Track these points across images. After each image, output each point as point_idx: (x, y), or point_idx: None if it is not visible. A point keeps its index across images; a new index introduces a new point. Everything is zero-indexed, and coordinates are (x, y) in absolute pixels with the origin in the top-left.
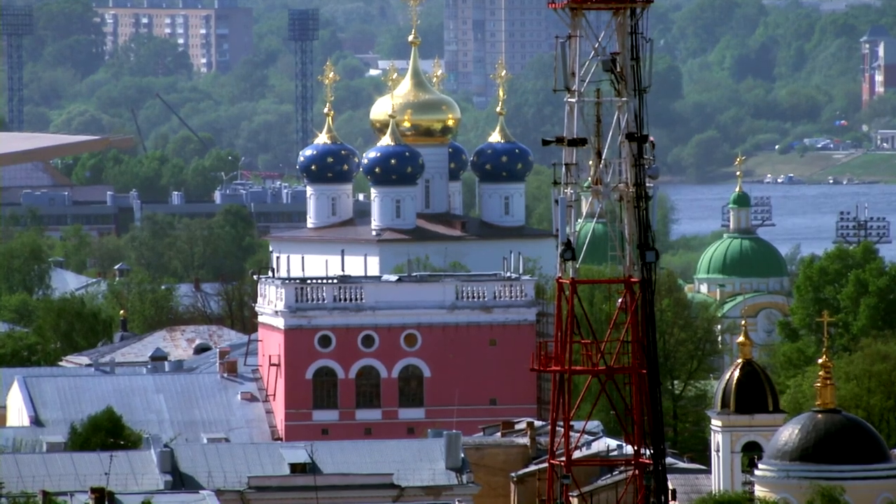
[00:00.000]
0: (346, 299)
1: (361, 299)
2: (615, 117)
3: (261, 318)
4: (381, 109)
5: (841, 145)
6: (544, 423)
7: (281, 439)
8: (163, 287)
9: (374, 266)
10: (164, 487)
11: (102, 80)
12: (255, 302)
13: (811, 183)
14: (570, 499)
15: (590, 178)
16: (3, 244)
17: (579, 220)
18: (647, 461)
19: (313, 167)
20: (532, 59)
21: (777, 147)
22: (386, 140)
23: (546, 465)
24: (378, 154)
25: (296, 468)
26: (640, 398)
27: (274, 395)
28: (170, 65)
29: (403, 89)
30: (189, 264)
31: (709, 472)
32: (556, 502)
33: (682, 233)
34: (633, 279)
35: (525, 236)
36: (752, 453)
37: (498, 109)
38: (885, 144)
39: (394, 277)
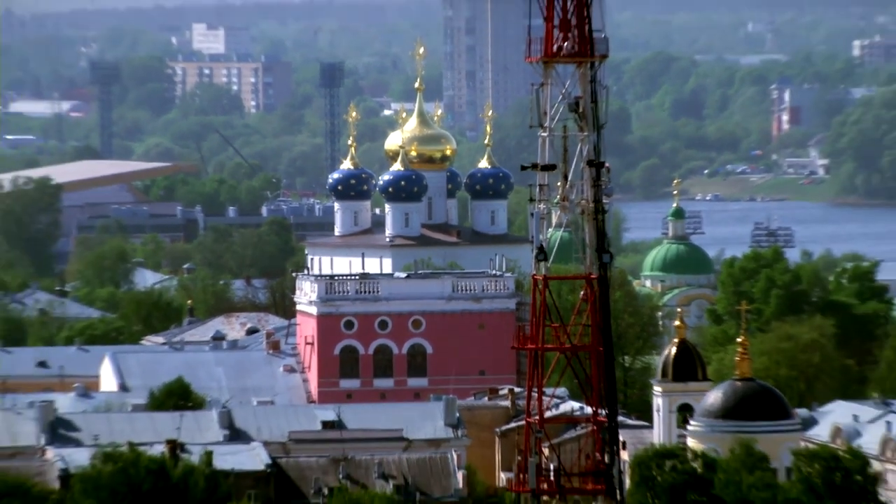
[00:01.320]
0: (365, 292)
1: (378, 292)
2: (578, 148)
3: (299, 307)
4: (393, 142)
5: (756, 171)
6: (522, 389)
7: (314, 402)
8: (221, 282)
9: (388, 266)
10: (223, 440)
11: (174, 118)
12: (294, 294)
13: (732, 200)
14: (543, 449)
15: (558, 196)
16: (96, 249)
17: (550, 229)
18: (603, 419)
19: (340, 187)
20: (513, 102)
21: (706, 172)
22: (397, 166)
23: (523, 422)
24: (391, 177)
25: (326, 425)
26: (598, 370)
27: (309, 367)
28: (226, 106)
29: (411, 126)
30: (242, 264)
31: (651, 427)
32: (532, 452)
33: (630, 239)
34: (592, 276)
35: (507, 242)
36: (685, 413)
37: (486, 142)
38: (790, 170)
39: (403, 274)
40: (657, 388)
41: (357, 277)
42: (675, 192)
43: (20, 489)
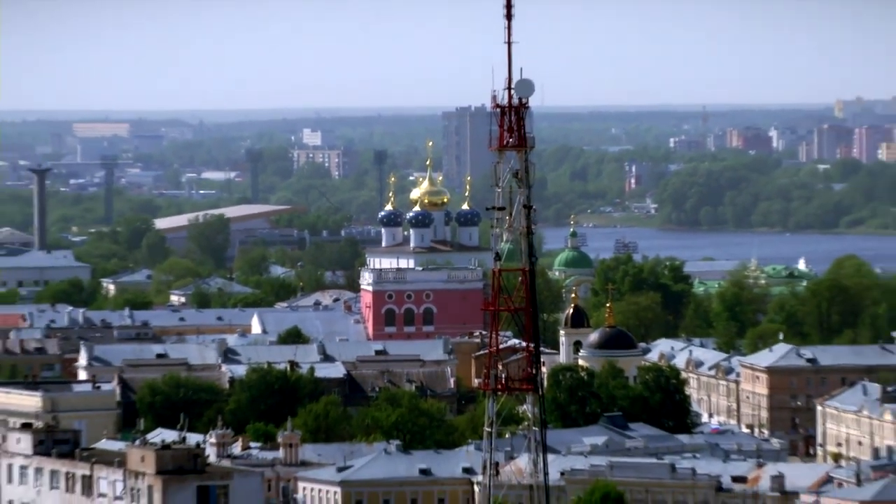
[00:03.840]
0: (398, 278)
1: (406, 278)
2: (518, 198)
3: (362, 286)
4: (415, 194)
5: (616, 211)
6: (486, 332)
7: (370, 339)
8: (318, 273)
9: (411, 263)
10: (319, 360)
11: (292, 181)
12: (360, 279)
13: (603, 227)
14: (498, 365)
15: (507, 224)
16: (249, 254)
17: (502, 243)
18: (531, 349)
19: (385, 220)
20: (482, 172)
21: (589, 211)
22: (417, 208)
23: (488, 351)
24: (413, 214)
25: (377, 352)
26: (529, 321)
27: (368, 320)
28: (322, 174)
29: (424, 186)
30: (330, 263)
31: (558, 353)
32: (493, 370)
33: (547, 249)
34: (525, 269)
35: (479, 250)
36: (577, 345)
37: (466, 194)
38: (635, 210)
39: (420, 268)
40: (562, 332)
41: (395, 270)
42: (572, 223)
43: (207, 387)
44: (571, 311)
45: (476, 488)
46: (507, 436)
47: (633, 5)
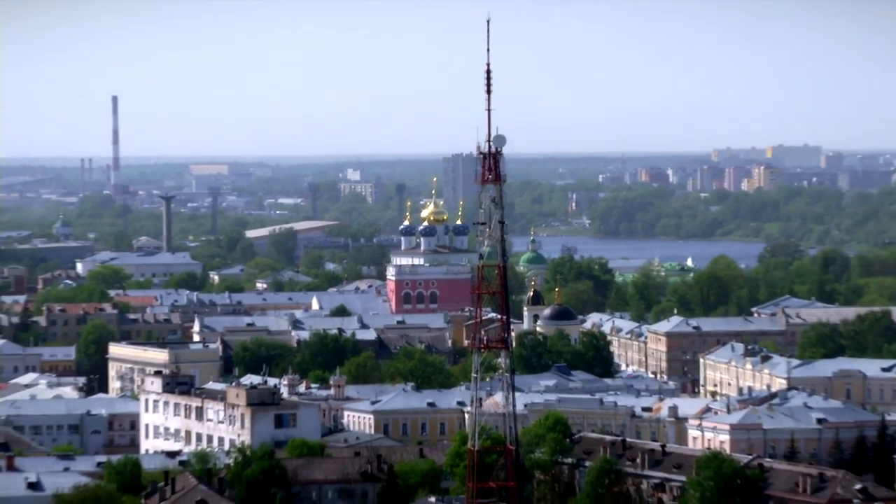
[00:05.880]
0: (413, 271)
1: (418, 271)
2: (495, 216)
3: (388, 276)
4: (424, 213)
5: (563, 224)
6: (473, 308)
7: (393, 313)
8: (357, 267)
9: (422, 261)
10: (359, 327)
11: (340, 204)
12: (386, 272)
13: (554, 236)
14: (482, 331)
15: (487, 234)
16: (309, 256)
17: (484, 247)
18: (504, 320)
19: (404, 231)
20: (471, 197)
21: (544, 225)
22: (425, 223)
23: (474, 321)
24: (422, 228)
25: (398, 322)
26: (503, 301)
27: (392, 300)
28: (360, 200)
29: (431, 208)
30: (366, 261)
31: (523, 322)
32: (478, 334)
33: (515, 251)
34: (500, 265)
35: (469, 252)
36: (536, 317)
37: (459, 213)
38: (576, 224)
39: (428, 265)
40: (525, 308)
41: (410, 265)
42: (532, 233)
43: (281, 346)
44: (531, 294)
45: (466, 416)
46: (487, 379)
47: (575, 83)
